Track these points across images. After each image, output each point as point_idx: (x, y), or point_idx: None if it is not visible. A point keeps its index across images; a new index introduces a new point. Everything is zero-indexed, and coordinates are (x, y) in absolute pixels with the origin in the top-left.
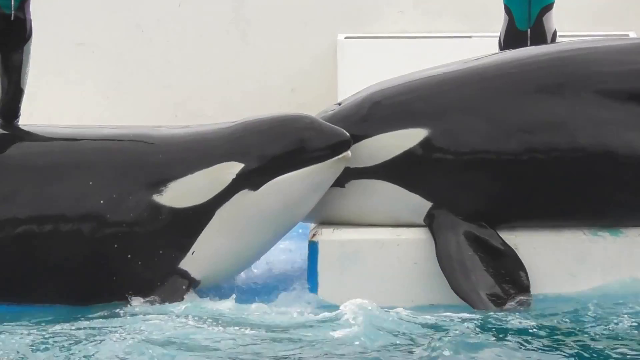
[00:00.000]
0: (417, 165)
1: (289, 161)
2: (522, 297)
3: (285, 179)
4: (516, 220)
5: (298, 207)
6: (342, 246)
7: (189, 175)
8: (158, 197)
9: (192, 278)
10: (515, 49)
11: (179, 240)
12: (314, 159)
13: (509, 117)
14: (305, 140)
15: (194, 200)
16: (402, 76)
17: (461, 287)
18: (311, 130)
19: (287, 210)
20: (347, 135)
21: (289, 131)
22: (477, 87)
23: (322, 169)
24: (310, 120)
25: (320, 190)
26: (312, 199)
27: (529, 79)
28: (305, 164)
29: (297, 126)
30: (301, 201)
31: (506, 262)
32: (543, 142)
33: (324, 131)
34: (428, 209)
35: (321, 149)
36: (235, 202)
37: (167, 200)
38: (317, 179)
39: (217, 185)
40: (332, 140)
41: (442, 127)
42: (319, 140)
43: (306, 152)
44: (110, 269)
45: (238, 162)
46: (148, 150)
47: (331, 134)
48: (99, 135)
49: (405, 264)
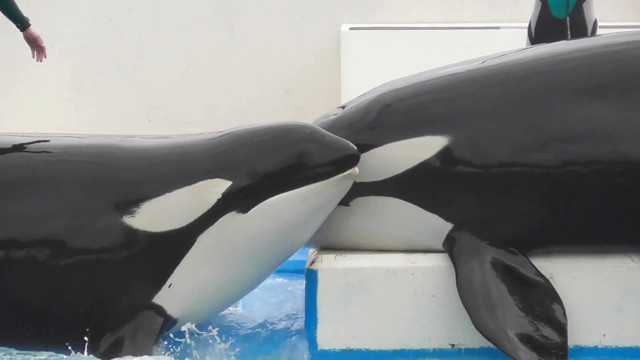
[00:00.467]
0: (434, 180)
1: (285, 179)
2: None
3: (280, 199)
4: (552, 245)
5: (295, 233)
6: (346, 276)
7: (166, 195)
8: (129, 219)
9: (168, 315)
10: (551, 43)
11: (153, 270)
12: (315, 177)
13: (543, 123)
14: (305, 154)
15: (172, 224)
16: (417, 74)
17: (486, 325)
18: (312, 143)
19: (283, 237)
20: (354, 149)
21: (285, 143)
22: (506, 88)
23: (325, 188)
24: (311, 130)
25: (322, 213)
26: (312, 224)
27: (567, 78)
28: (305, 182)
29: (295, 137)
30: (299, 226)
31: (539, 295)
32: (584, 152)
33: (327, 143)
34: (448, 232)
35: (323, 164)
36: (220, 226)
37: (140, 223)
38: (318, 200)
39: (200, 206)
40: (336, 155)
41: (464, 134)
42: (321, 155)
43: (305, 168)
44: (70, 304)
45: (224, 179)
46: (117, 164)
47: (335, 147)
48: (58, 145)
49: (421, 297)
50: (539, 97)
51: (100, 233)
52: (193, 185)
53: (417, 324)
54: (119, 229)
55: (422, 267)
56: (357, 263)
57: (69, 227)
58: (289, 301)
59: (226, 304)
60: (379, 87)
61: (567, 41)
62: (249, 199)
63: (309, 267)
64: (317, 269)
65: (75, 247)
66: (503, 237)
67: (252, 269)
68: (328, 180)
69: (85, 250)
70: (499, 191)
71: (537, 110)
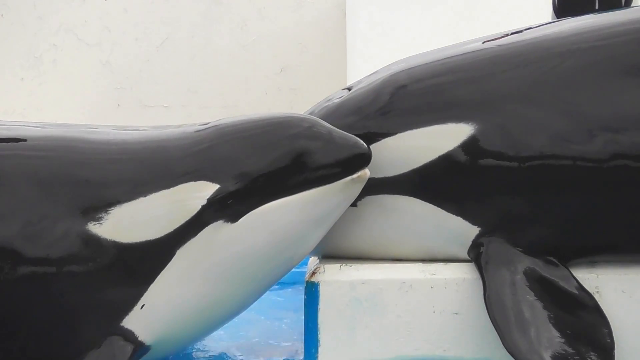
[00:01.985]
0: (458, 175)
1: (281, 182)
2: None
3: (275, 207)
4: (598, 254)
5: (293, 246)
6: (353, 289)
7: (140, 199)
8: (94, 227)
9: (140, 342)
10: (597, 14)
11: (122, 289)
12: (317, 180)
13: (589, 108)
14: (305, 152)
15: (146, 234)
16: (437, 50)
17: (518, 347)
18: (313, 139)
19: (278, 252)
20: (364, 147)
21: (282, 139)
22: (545, 67)
23: (328, 194)
24: (312, 124)
25: (325, 224)
26: (312, 236)
27: (619, 55)
28: (304, 186)
29: (293, 132)
30: (297, 239)
31: (581, 312)
32: (637, 143)
33: (331, 140)
34: (474, 237)
35: (327, 165)
36: (204, 238)
37: (107, 232)
38: (320, 208)
39: (180, 213)
40: (343, 154)
41: (493, 121)
42: (325, 153)
43: (306, 169)
44: (24, 327)
45: (209, 181)
46: (80, 161)
47: (342, 144)
48: (7, 136)
49: (441, 314)
50: (583, 77)
51: (59, 243)
52: (172, 188)
53: (437, 347)
54: (81, 238)
55: (443, 280)
56: (366, 275)
57: (20, 235)
58: (286, 319)
59: (209, 329)
60: (392, 65)
61: (614, 12)
62: (239, 206)
63: (309, 279)
64: (318, 281)
65: (28, 260)
66: (539, 243)
67: (240, 288)
68: (332, 185)
69: (40, 263)
70: (535, 189)
71: (582, 92)
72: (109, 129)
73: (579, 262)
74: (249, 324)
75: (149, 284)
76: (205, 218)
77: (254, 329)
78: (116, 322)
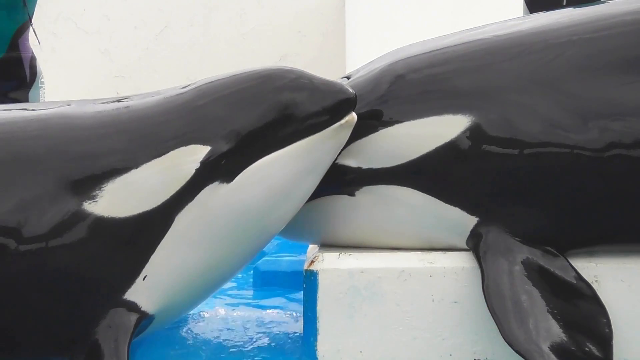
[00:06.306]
0: (457, 165)
1: (272, 136)
2: (601, 356)
3: (269, 162)
4: (597, 243)
5: (290, 199)
6: (352, 278)
7: (132, 171)
8: (90, 205)
9: (143, 312)
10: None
11: (123, 263)
12: (307, 130)
13: (589, 97)
14: (292, 103)
15: (143, 206)
16: (436, 38)
17: (516, 337)
18: (299, 89)
19: (275, 206)
20: (349, 92)
21: (267, 92)
22: (544, 56)
23: (320, 142)
24: (297, 75)
25: (318, 172)
26: (307, 186)
27: (618, 45)
28: (296, 137)
29: (277, 85)
30: (293, 191)
31: (579, 301)
32: (636, 133)
33: (317, 88)
34: (472, 226)
35: (315, 114)
36: (201, 201)
37: (104, 209)
38: (313, 157)
39: (175, 180)
40: (329, 101)
41: (492, 111)
42: (312, 102)
43: (295, 120)
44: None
45: (201, 144)
46: (68, 137)
47: (327, 91)
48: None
49: (440, 303)
50: (583, 67)
51: (56, 224)
52: (164, 156)
53: (436, 336)
54: (78, 218)
55: (441, 269)
56: (365, 263)
57: (14, 215)
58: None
59: (209, 292)
60: (390, 54)
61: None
62: (233, 165)
63: (308, 268)
64: (317, 270)
65: (23, 239)
66: (538, 233)
67: (240, 247)
68: (322, 133)
69: (37, 240)
70: (534, 178)
71: (581, 82)
72: (87, 103)
73: (577, 252)
74: (247, 312)
75: (150, 255)
76: (200, 181)
77: (251, 316)
78: (119, 296)
